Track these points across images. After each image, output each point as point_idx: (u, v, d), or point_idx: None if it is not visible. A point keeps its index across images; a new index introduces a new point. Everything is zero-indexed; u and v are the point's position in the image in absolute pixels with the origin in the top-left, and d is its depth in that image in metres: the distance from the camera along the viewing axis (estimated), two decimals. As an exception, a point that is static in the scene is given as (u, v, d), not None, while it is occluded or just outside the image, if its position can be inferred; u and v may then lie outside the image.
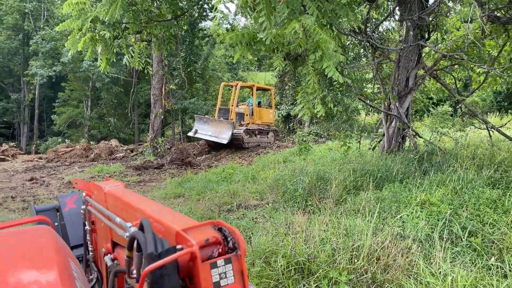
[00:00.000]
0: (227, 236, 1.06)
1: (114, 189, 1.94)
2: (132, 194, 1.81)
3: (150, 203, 1.54)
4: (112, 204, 1.87)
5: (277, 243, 4.33)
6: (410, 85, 8.45)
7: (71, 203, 2.99)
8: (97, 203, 2.08)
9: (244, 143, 16.16)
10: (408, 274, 3.64)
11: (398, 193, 5.64)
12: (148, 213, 1.35)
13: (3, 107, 34.20)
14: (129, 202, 1.60)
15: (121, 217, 1.57)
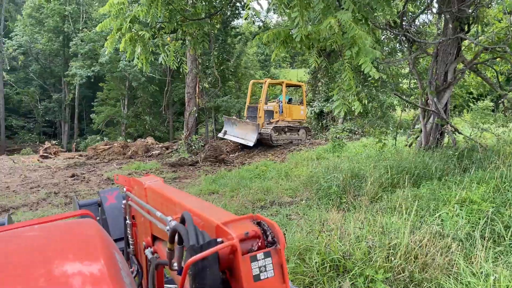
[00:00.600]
0: (266, 230, 1.07)
1: (154, 184, 1.98)
2: (171, 189, 1.83)
3: (189, 198, 1.57)
4: (152, 198, 1.91)
5: (312, 240, 4.32)
6: (448, 79, 8.19)
7: (111, 198, 3.10)
8: (137, 197, 2.13)
9: (273, 141, 16.05)
10: (447, 274, 3.55)
11: (437, 190, 5.48)
12: (188, 207, 1.37)
13: (45, 107, 35.72)
14: (169, 196, 1.63)
15: (161, 211, 1.59)
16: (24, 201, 9.07)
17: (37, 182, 11.70)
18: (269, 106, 17.28)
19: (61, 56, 35.03)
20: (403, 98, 9.57)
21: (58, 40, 33.99)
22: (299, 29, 4.06)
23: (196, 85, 17.07)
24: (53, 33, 33.52)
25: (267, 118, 16.82)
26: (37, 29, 33.29)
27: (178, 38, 6.27)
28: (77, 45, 30.31)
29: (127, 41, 5.50)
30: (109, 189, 3.22)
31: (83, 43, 30.19)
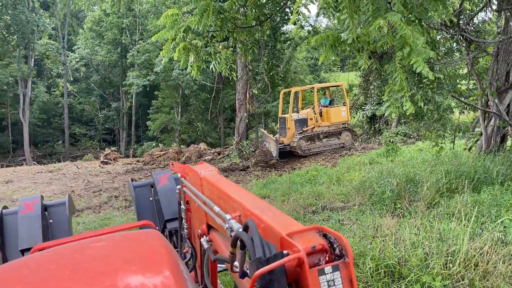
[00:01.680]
0: (333, 243, 1.05)
1: (209, 175, 2.03)
2: (226, 182, 1.87)
3: (246, 195, 1.56)
4: (208, 189, 1.94)
5: (365, 245, 4.27)
6: (511, 80, 7.76)
7: (164, 179, 3.25)
8: (192, 185, 2.21)
9: (303, 152, 15.35)
10: (510, 282, 3.38)
11: (499, 196, 5.22)
12: (247, 208, 1.37)
13: (105, 115, 37.73)
14: (226, 192, 1.64)
15: (217, 205, 1.65)
16: (88, 204, 9.65)
17: (99, 186, 12.39)
18: (302, 114, 16.37)
19: (119, 66, 36.88)
20: (461, 100, 9.18)
21: (116, 51, 35.82)
22: (350, 31, 4.05)
23: (246, 91, 17.34)
24: (112, 45, 35.37)
25: (299, 128, 15.89)
26: (97, 42, 35.30)
27: (229, 46, 6.45)
28: (133, 56, 31.77)
29: (181, 50, 5.75)
30: (161, 171, 3.36)
31: (139, 54, 31.61)
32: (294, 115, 16.20)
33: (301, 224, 1.15)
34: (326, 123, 16.45)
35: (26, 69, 30.82)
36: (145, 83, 31.04)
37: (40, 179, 15.02)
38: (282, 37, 29.57)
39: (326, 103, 17.47)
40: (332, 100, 17.89)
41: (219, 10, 5.60)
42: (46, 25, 32.36)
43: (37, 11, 32.06)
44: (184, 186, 2.38)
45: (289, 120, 15.96)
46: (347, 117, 17.10)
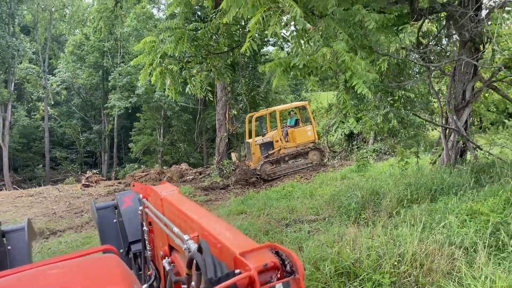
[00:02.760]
0: (284, 260, 1.09)
1: (170, 195, 2.04)
2: (187, 202, 1.89)
3: (205, 215, 1.60)
4: (169, 210, 1.95)
5: (326, 250, 4.68)
6: (467, 98, 8.39)
7: (128, 200, 3.17)
8: (153, 206, 2.22)
9: (268, 175, 15.10)
10: (450, 278, 3.83)
11: (452, 204, 5.72)
12: (205, 228, 1.40)
13: (86, 138, 37.67)
14: (185, 212, 1.66)
15: (177, 225, 1.67)
16: (69, 225, 9.85)
17: (80, 207, 12.55)
18: (267, 138, 16.11)
19: (100, 89, 37.11)
20: (422, 117, 9.79)
21: (98, 74, 36.12)
22: (300, 58, 4.55)
23: (226, 112, 17.85)
24: (93, 68, 35.67)
25: (264, 151, 15.69)
26: (78, 65, 35.52)
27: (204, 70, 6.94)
28: (115, 79, 32.12)
29: (157, 74, 6.20)
30: (125, 192, 3.32)
31: (121, 76, 31.97)
32: (258, 139, 16.04)
33: (255, 243, 1.20)
34: (293, 144, 16.24)
35: (6, 93, 30.80)
36: (127, 105, 31.32)
37: (21, 203, 15.03)
38: (262, 59, 30.37)
39: (292, 123, 17.38)
40: (298, 120, 17.61)
41: (193, 37, 6.10)
42: (26, 50, 32.51)
43: (17, 36, 32.25)
44: (146, 207, 2.37)
45: (253, 145, 15.82)
46: (314, 136, 16.81)
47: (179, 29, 5.81)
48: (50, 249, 7.59)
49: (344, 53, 4.31)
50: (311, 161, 16.33)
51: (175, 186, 2.22)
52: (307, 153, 16.36)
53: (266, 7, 4.09)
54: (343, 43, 4.33)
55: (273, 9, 4.07)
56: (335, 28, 4.44)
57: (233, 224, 7.40)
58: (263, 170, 15.15)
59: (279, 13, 4.04)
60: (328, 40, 4.57)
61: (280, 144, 16.00)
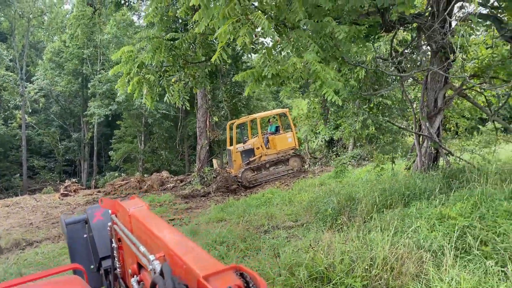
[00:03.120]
0: (249, 282, 1.09)
1: (138, 212, 1.99)
2: (155, 219, 1.85)
3: (172, 234, 1.58)
4: (137, 227, 1.92)
5: (302, 256, 4.79)
6: (439, 105, 8.67)
7: (98, 215, 3.05)
8: (122, 223, 2.17)
9: (250, 183, 15.23)
10: (418, 280, 3.98)
11: (423, 209, 5.91)
12: (171, 248, 1.39)
13: (65, 146, 37.09)
14: (152, 230, 1.63)
15: (144, 243, 1.67)
16: (46, 235, 9.73)
17: (58, 218, 12.38)
18: (247, 145, 16.34)
19: (80, 97, 36.66)
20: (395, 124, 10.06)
21: (77, 82, 35.68)
22: (268, 68, 4.70)
23: (206, 119, 17.89)
24: (72, 76, 35.23)
25: (245, 158, 15.91)
26: (57, 72, 35.04)
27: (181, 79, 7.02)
28: (95, 86, 31.81)
29: (134, 84, 6.25)
30: (96, 206, 3.15)
31: (101, 83, 31.69)
32: (239, 146, 16.17)
33: (221, 264, 1.20)
34: (273, 151, 16.39)
35: (-18, 101, 30.17)
36: (107, 113, 31.04)
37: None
38: (243, 66, 30.55)
39: (272, 130, 17.54)
40: (278, 127, 17.76)
41: (171, 47, 6.18)
42: (3, 57, 31.95)
43: (-6, 42, 31.71)
44: (114, 223, 2.32)
45: (234, 153, 15.94)
46: (295, 143, 17.02)
47: (156, 39, 5.90)
48: (26, 260, 7.50)
49: (315, 63, 4.47)
50: (291, 168, 16.53)
51: (144, 202, 2.16)
52: (287, 160, 16.58)
53: (235, 18, 4.21)
54: (313, 54, 4.49)
55: (242, 21, 4.21)
56: (306, 39, 4.61)
57: (211, 231, 7.48)
58: (244, 177, 15.25)
59: (248, 25, 4.18)
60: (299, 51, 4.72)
61: (261, 151, 16.18)
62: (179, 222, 9.45)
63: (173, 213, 10.76)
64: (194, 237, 7.51)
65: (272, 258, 5.06)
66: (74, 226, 3.26)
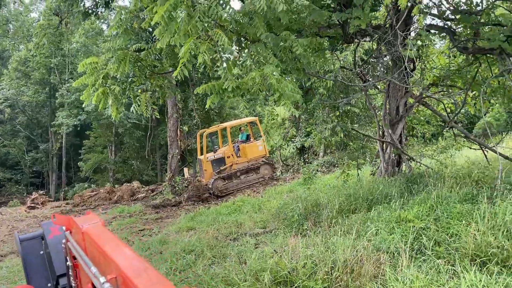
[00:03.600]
0: None
1: (92, 229, 1.91)
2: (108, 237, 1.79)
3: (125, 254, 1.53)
4: (90, 246, 1.85)
5: (267, 261, 4.92)
6: (400, 113, 9.03)
7: (55, 230, 2.89)
8: (76, 241, 2.10)
9: (221, 192, 15.24)
10: (375, 281, 4.17)
11: (383, 213, 6.14)
12: (123, 270, 1.35)
13: (32, 157, 36.05)
14: (105, 250, 1.58)
15: (97, 263, 1.63)
16: (11, 249, 9.49)
17: (24, 231, 12.08)
18: (218, 154, 16.36)
19: (47, 106, 35.82)
20: (360, 132, 10.39)
21: (44, 91, 34.88)
22: (228, 81, 4.86)
23: (177, 129, 17.87)
24: (39, 85, 34.44)
25: (216, 167, 15.96)
26: (23, 82, 34.17)
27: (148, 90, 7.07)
28: (63, 95, 31.19)
29: (99, 95, 6.27)
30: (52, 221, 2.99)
31: (69, 93, 31.10)
32: (210, 155, 16.19)
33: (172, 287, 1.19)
34: (244, 159, 16.44)
35: None
36: (75, 122, 30.46)
37: (-41, 228, 14.22)
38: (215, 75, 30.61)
39: (243, 138, 17.59)
40: (249, 135, 17.74)
41: (136, 59, 6.24)
42: (-34, 66, 30.96)
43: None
44: (68, 241, 2.24)
45: (204, 162, 15.95)
46: (265, 151, 17.13)
47: (121, 51, 5.94)
48: (-10, 275, 7.32)
49: (271, 76, 4.65)
50: (262, 176, 16.63)
51: (99, 218, 2.09)
52: (258, 168, 16.69)
53: (196, 35, 4.34)
54: (272, 67, 4.67)
55: (203, 37, 4.34)
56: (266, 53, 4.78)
57: (181, 240, 7.51)
58: (215, 186, 15.26)
59: (208, 41, 4.32)
60: (259, 64, 4.89)
61: (232, 159, 16.24)
62: (148, 233, 9.41)
63: (143, 223, 10.69)
64: (163, 247, 7.53)
65: (238, 265, 5.15)
66: (29, 242, 3.06)
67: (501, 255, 4.12)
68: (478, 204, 5.28)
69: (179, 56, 4.89)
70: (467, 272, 3.84)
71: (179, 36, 4.34)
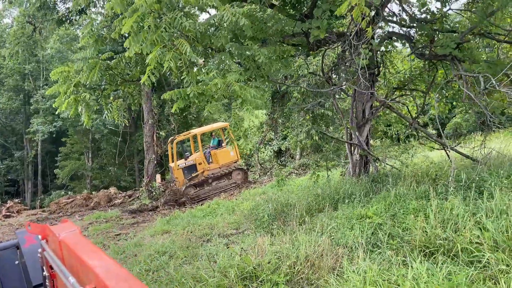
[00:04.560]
0: None
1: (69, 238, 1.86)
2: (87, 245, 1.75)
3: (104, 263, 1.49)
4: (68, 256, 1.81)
5: (235, 259, 5.20)
6: (366, 116, 9.45)
7: (31, 239, 2.82)
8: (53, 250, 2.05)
9: (193, 199, 15.30)
10: (333, 273, 4.49)
11: (346, 210, 6.50)
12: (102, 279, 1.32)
13: (7, 166, 35.36)
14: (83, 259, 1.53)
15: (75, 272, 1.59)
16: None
17: (-1, 239, 12.01)
18: (189, 161, 16.34)
19: (22, 113, 35.25)
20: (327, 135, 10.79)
21: (18, 98, 34.35)
22: (192, 88, 5.16)
23: (153, 134, 17.99)
24: (13, 92, 33.90)
25: (188, 174, 16.02)
26: (-4, 89, 33.63)
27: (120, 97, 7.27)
28: (38, 102, 30.80)
29: (70, 102, 6.47)
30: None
31: (44, 99, 30.73)
32: (181, 163, 16.22)
33: None
34: (216, 165, 16.44)
35: None
36: (51, 129, 30.10)
37: None
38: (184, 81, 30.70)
39: (215, 143, 17.58)
40: (220, 141, 17.67)
41: (107, 67, 6.46)
42: None
43: None
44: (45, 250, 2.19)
45: (175, 170, 15.99)
46: (237, 156, 17.13)
47: (91, 60, 6.15)
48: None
49: (234, 83, 4.95)
50: (235, 181, 16.62)
51: (76, 226, 2.05)
52: (230, 174, 16.68)
53: (162, 44, 4.62)
54: (235, 75, 4.97)
55: (168, 46, 4.62)
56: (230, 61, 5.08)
57: (155, 243, 7.71)
58: (186, 194, 15.32)
59: (173, 50, 4.60)
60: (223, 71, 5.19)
61: (203, 166, 16.25)
62: (124, 237, 9.55)
63: (119, 228, 10.81)
64: (138, 249, 7.71)
65: (208, 263, 5.41)
66: (4, 252, 2.99)
67: (447, 246, 4.50)
68: (431, 201, 5.68)
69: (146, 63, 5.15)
70: (415, 262, 4.19)
71: (146, 45, 4.60)
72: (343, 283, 4.20)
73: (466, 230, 4.45)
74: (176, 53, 4.62)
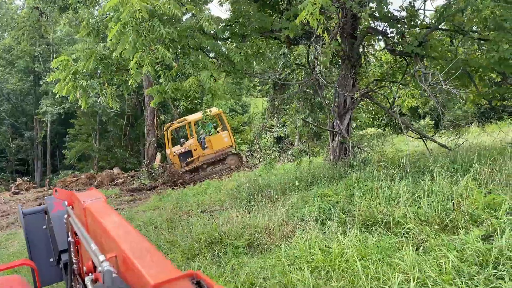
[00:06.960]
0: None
1: (94, 205, 1.86)
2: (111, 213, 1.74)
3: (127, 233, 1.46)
4: (91, 223, 1.80)
5: (206, 227, 5.97)
6: (347, 105, 10.09)
7: (59, 205, 2.81)
8: (77, 216, 2.06)
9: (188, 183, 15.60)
10: (286, 239, 5.24)
11: (314, 190, 7.23)
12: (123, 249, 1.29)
13: (17, 145, 36.51)
14: (106, 228, 1.52)
15: (98, 240, 1.58)
16: (-4, 226, 10.40)
17: (7, 211, 12.97)
18: (185, 147, 16.98)
19: (32, 94, 36.22)
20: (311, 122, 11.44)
21: (29, 79, 35.28)
22: (168, 85, 5.88)
23: (154, 118, 18.79)
24: (24, 73, 34.81)
25: (183, 160, 16.69)
26: (7, 70, 34.52)
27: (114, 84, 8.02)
28: (47, 84, 31.68)
29: (69, 88, 7.24)
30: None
31: (53, 81, 31.53)
32: (176, 149, 16.86)
33: (176, 271, 1.11)
34: (211, 151, 17.03)
35: None
36: (60, 111, 31.00)
37: None
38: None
39: (210, 127, 18.31)
40: (215, 126, 18.23)
41: (102, 56, 7.18)
42: (-51, 54, 31.21)
43: None
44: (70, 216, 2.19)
45: (171, 156, 16.69)
46: (231, 142, 17.62)
47: (88, 49, 6.88)
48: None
49: (207, 81, 5.64)
50: (229, 166, 17.28)
51: (101, 193, 2.05)
52: (225, 159, 17.36)
53: (142, 50, 5.35)
54: (208, 72, 5.68)
55: (147, 51, 5.34)
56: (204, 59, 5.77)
57: (144, 215, 8.51)
58: (184, 177, 16.08)
59: (151, 55, 5.33)
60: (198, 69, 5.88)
61: (199, 152, 16.99)
62: (120, 212, 10.40)
63: (117, 204, 11.67)
64: (130, 221, 8.53)
65: (183, 232, 6.19)
66: (33, 216, 3.08)
67: (385, 220, 5.21)
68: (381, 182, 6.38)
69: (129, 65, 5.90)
70: (354, 232, 4.92)
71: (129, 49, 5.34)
72: (292, 248, 4.94)
73: (401, 206, 5.16)
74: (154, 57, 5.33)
